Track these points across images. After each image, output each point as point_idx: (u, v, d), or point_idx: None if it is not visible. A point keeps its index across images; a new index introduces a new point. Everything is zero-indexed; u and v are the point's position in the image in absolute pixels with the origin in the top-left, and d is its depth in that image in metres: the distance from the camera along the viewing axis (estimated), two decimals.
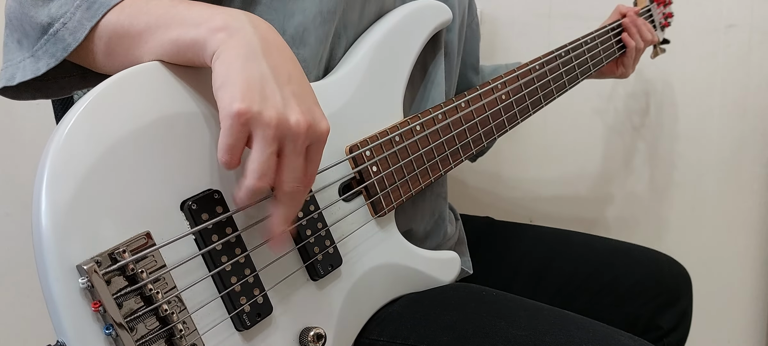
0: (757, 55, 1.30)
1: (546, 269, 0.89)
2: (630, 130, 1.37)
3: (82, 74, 0.57)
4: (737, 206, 1.36)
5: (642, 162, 1.38)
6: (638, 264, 0.88)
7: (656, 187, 1.39)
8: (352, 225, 0.62)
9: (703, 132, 1.35)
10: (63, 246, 0.43)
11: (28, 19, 0.53)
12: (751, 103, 1.32)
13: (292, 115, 0.46)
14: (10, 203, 1.13)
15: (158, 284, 0.47)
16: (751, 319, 1.41)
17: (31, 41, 0.53)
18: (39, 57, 0.53)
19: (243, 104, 0.45)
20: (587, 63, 0.93)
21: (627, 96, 1.36)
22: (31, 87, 0.56)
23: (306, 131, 0.47)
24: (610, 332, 0.61)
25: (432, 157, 0.69)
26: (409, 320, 0.65)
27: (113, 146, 0.46)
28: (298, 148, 0.47)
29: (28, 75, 0.53)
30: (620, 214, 1.41)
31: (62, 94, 0.59)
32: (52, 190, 0.43)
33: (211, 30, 0.48)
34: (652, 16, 1.10)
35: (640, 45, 1.02)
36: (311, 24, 0.63)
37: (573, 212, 1.42)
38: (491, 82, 0.76)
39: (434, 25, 0.73)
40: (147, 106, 0.48)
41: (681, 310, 0.87)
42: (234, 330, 0.51)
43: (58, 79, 0.57)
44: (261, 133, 0.45)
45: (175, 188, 0.49)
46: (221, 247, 0.50)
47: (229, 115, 0.45)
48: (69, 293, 0.43)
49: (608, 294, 0.86)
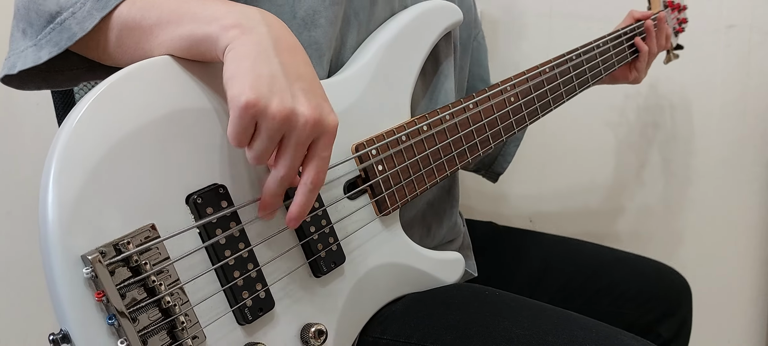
0: (757, 55, 1.29)
1: (546, 275, 0.90)
2: (626, 130, 1.37)
3: (88, 67, 0.58)
4: (737, 206, 1.36)
5: (642, 164, 1.38)
6: (639, 273, 0.89)
7: (656, 187, 1.38)
8: (356, 223, 0.62)
9: (703, 132, 1.34)
10: (69, 237, 0.44)
11: (35, 6, 0.53)
12: (751, 103, 1.31)
13: (300, 110, 0.47)
14: (10, 201, 1.14)
15: (161, 276, 0.47)
16: (751, 319, 1.40)
17: (36, 30, 0.54)
18: (42, 46, 0.53)
19: (251, 96, 0.45)
20: (599, 67, 0.92)
21: (625, 96, 1.36)
22: (36, 77, 0.57)
23: (313, 126, 0.48)
24: (613, 332, 0.61)
25: (438, 158, 0.69)
26: (412, 319, 0.65)
27: (121, 140, 0.47)
28: (301, 142, 0.48)
29: (28, 63, 0.53)
30: (618, 213, 1.41)
31: (70, 84, 0.60)
32: (59, 182, 0.44)
33: (224, 27, 0.48)
34: (666, 22, 1.09)
35: (654, 50, 1.01)
36: (321, 5, 0.63)
37: (570, 211, 1.42)
38: (500, 84, 0.76)
39: (445, 26, 0.73)
40: (155, 101, 0.49)
41: (681, 319, 0.88)
42: (236, 324, 0.52)
43: (64, 71, 0.57)
44: (266, 125, 0.46)
45: (181, 181, 0.50)
46: (225, 241, 0.51)
47: (238, 106, 0.45)
48: (73, 282, 0.44)
49: (608, 302, 0.86)
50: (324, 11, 0.63)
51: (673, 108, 1.35)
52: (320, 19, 0.63)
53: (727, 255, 1.38)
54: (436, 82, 0.76)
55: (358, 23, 0.68)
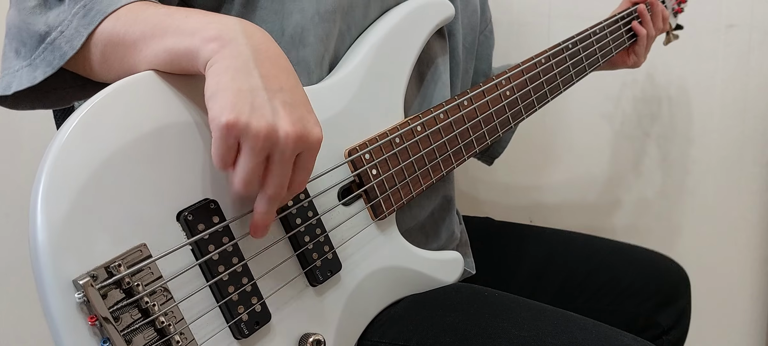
0: (757, 55, 1.28)
1: (545, 268, 0.89)
2: (626, 131, 1.36)
3: (80, 85, 0.57)
4: (737, 206, 1.36)
5: (642, 162, 1.37)
6: (637, 264, 0.88)
7: (656, 187, 1.38)
8: (351, 230, 0.62)
9: (703, 132, 1.34)
10: (59, 261, 0.43)
11: (26, 27, 0.53)
12: (751, 103, 1.31)
13: (281, 126, 0.46)
14: (9, 204, 1.14)
15: (155, 296, 0.47)
16: (751, 318, 1.40)
17: (29, 50, 0.54)
18: (36, 66, 0.53)
19: (231, 116, 0.45)
20: (596, 54, 0.91)
21: (626, 95, 1.35)
22: (28, 97, 0.56)
23: (295, 142, 0.47)
24: (613, 334, 0.61)
25: (433, 158, 0.68)
26: (411, 322, 0.65)
27: (108, 159, 0.46)
28: (286, 159, 0.47)
29: (24, 83, 0.53)
30: (619, 213, 1.40)
31: (61, 104, 0.59)
32: (47, 205, 0.43)
33: (205, 40, 0.47)
34: (665, 2, 1.07)
35: (652, 32, 1.00)
36: (310, 23, 0.62)
37: (572, 211, 1.42)
38: (495, 78, 0.75)
39: (436, 23, 0.72)
40: (141, 118, 0.48)
41: (680, 308, 0.87)
42: (232, 339, 0.51)
43: (57, 90, 0.57)
44: (249, 145, 0.46)
45: (171, 198, 0.49)
46: (218, 256, 0.50)
47: (219, 126, 0.45)
48: (66, 308, 0.43)
49: (607, 293, 0.86)
50: (313, 29, 0.62)
51: (673, 108, 1.34)
52: (309, 37, 0.62)
53: (727, 255, 1.38)
54: (430, 82, 0.75)
55: (351, 38, 0.67)
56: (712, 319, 1.39)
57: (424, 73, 0.74)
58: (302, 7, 0.62)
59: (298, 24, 0.62)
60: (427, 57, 0.74)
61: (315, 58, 0.63)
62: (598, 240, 0.93)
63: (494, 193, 1.43)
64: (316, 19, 0.62)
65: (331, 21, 0.64)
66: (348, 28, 0.66)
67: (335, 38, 0.65)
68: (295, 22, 0.62)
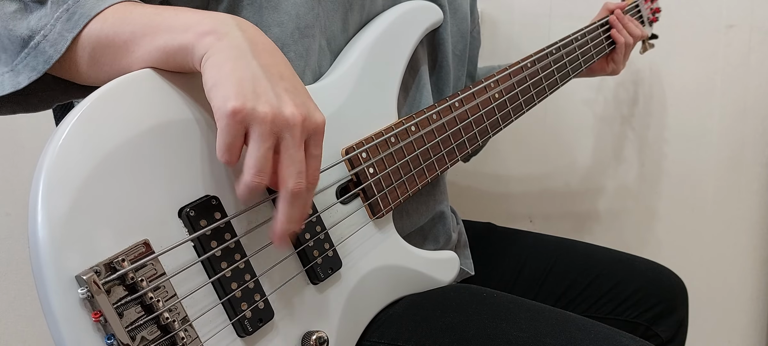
0: (757, 55, 1.30)
1: (546, 276, 0.90)
2: (629, 129, 1.38)
3: (63, 88, 0.56)
4: (737, 206, 1.36)
5: (642, 162, 1.39)
6: (637, 274, 0.89)
7: (656, 187, 1.39)
8: (350, 227, 0.62)
9: (703, 132, 1.35)
10: (61, 257, 0.43)
11: (7, 32, 0.52)
12: (751, 103, 1.32)
13: (286, 109, 0.46)
14: (10, 202, 1.12)
15: (158, 292, 0.46)
16: (751, 319, 1.41)
17: (11, 55, 0.52)
18: (19, 71, 0.52)
19: (237, 102, 0.44)
20: (578, 60, 0.93)
21: (625, 96, 1.37)
22: (9, 101, 0.55)
23: (302, 123, 0.47)
24: (612, 334, 0.61)
25: (428, 157, 0.69)
26: (410, 323, 0.64)
27: (108, 156, 0.46)
28: (296, 140, 0.47)
29: (7, 89, 0.52)
30: (619, 215, 1.41)
31: (43, 107, 0.58)
32: (47, 202, 0.43)
33: (199, 34, 0.47)
34: (640, 12, 1.11)
35: (629, 40, 1.03)
36: (289, 39, 0.62)
37: (571, 211, 1.42)
38: (483, 81, 0.76)
39: (426, 26, 0.73)
40: (141, 115, 0.48)
41: (677, 320, 0.88)
42: (236, 336, 0.51)
43: (38, 93, 0.56)
44: (257, 129, 0.45)
45: (173, 195, 0.49)
46: (220, 253, 0.50)
47: (225, 114, 0.45)
48: (68, 304, 0.42)
49: (608, 302, 0.87)
50: (293, 45, 0.62)
51: (673, 108, 1.35)
52: (288, 53, 0.62)
53: (727, 255, 1.38)
54: (414, 90, 0.75)
55: (332, 51, 0.67)
56: (713, 319, 1.39)
57: (408, 81, 0.75)
58: (281, 20, 0.62)
59: (277, 39, 0.62)
60: (411, 65, 0.75)
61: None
62: (599, 249, 0.94)
63: (496, 198, 1.43)
64: (296, 34, 0.62)
65: (309, 36, 0.64)
66: (328, 42, 0.67)
67: (316, 53, 0.65)
68: (274, 36, 0.62)
